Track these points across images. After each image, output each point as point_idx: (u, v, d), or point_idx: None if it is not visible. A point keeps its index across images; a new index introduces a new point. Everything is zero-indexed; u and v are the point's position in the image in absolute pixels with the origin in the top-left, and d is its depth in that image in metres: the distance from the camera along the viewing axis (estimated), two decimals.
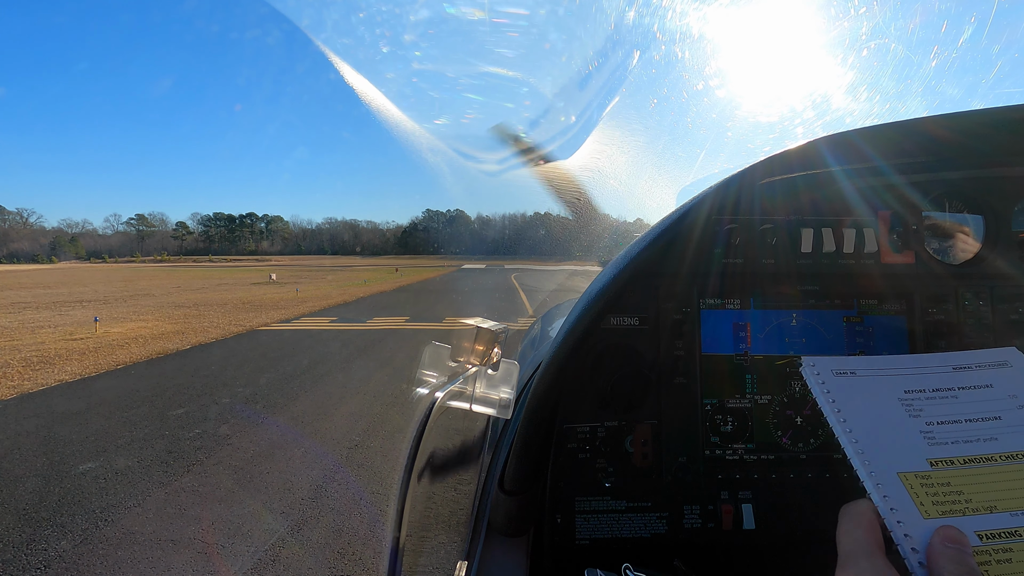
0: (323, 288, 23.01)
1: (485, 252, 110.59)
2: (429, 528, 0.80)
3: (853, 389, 0.50)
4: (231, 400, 5.20)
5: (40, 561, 2.53)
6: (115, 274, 44.93)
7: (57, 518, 2.91)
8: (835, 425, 0.47)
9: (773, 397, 0.78)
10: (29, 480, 3.40)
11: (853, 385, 0.51)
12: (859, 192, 0.77)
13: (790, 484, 0.77)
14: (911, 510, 0.41)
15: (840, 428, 0.47)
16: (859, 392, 0.50)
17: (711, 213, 0.68)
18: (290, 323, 11.34)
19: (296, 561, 2.53)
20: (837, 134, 0.62)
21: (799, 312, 0.79)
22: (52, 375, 6.36)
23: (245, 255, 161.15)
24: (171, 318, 12.14)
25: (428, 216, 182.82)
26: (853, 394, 0.50)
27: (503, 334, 0.73)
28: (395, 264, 70.30)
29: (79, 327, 10.61)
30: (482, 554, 0.75)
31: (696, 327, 0.78)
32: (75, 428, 4.41)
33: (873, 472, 0.44)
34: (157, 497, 3.15)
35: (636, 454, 0.77)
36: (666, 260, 0.76)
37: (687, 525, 0.77)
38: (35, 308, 14.72)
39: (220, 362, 7.18)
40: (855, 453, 0.45)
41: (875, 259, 0.79)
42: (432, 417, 0.61)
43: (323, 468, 3.59)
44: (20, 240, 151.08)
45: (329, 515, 2.94)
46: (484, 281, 27.79)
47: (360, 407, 4.91)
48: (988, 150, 0.70)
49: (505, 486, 0.74)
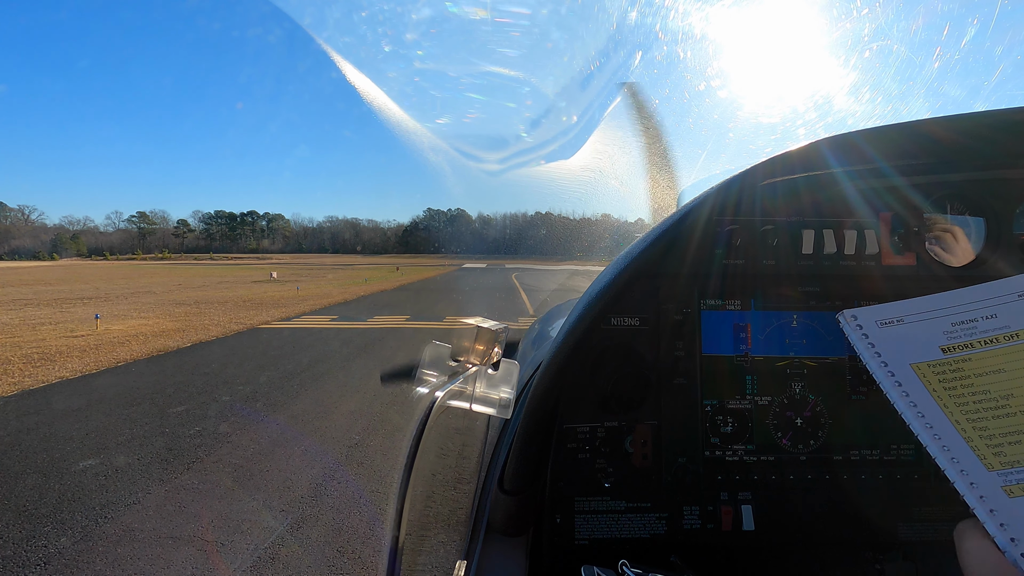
0: (324, 286, 23.02)
1: (486, 251, 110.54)
2: (428, 527, 0.80)
3: (902, 340, 0.46)
4: (231, 398, 5.21)
5: (40, 558, 2.53)
6: (116, 271, 44.98)
7: (57, 515, 2.92)
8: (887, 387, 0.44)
9: (773, 398, 0.78)
10: (29, 476, 3.41)
11: (901, 335, 0.46)
12: (861, 193, 0.77)
13: (790, 486, 0.77)
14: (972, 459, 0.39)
15: (894, 391, 0.43)
16: (908, 342, 0.45)
17: (712, 214, 0.68)
18: (291, 321, 11.35)
19: (295, 559, 2.53)
20: (839, 135, 0.62)
21: (800, 313, 0.79)
22: (53, 372, 6.37)
23: (246, 253, 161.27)
24: (172, 316, 12.15)
25: (429, 215, 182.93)
26: (899, 343, 0.45)
27: (503, 334, 0.73)
28: (396, 263, 70.35)
29: (80, 324, 10.63)
30: (481, 554, 0.75)
31: (696, 328, 0.78)
32: (75, 425, 4.41)
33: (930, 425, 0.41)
34: (157, 494, 3.16)
35: (636, 454, 0.77)
36: (667, 261, 0.75)
37: (686, 526, 0.77)
38: (36, 305, 14.74)
39: (221, 360, 7.18)
40: (914, 417, 0.42)
41: (876, 261, 0.79)
42: (432, 416, 0.61)
43: (323, 467, 3.59)
44: (22, 237, 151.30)
45: (329, 513, 2.94)
46: (485, 280, 27.78)
47: (360, 406, 4.92)
48: (990, 152, 0.69)
49: (505, 486, 0.74)
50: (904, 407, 0.43)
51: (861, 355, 0.47)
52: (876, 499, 0.77)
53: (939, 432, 0.42)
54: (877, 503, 0.77)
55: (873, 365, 0.46)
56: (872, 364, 0.46)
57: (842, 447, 0.78)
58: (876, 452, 0.78)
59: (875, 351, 0.46)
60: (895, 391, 0.44)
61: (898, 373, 0.45)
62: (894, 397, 0.44)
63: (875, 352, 0.46)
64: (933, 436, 0.41)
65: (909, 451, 0.78)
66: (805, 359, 0.78)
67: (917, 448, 0.78)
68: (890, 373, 0.45)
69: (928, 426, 0.42)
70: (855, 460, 0.77)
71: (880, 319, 0.49)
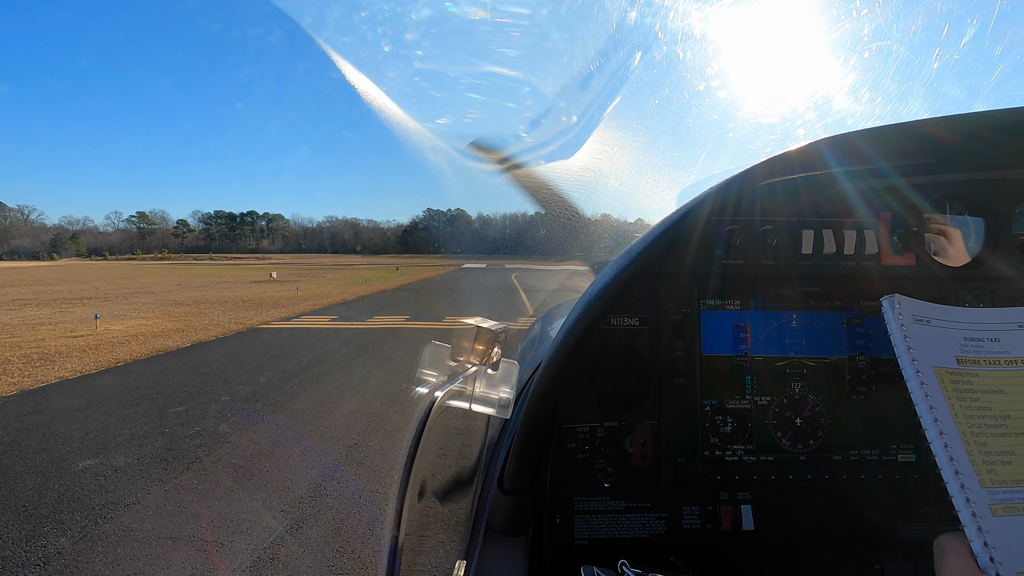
0: (323, 286, 23.01)
1: (485, 251, 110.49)
2: (428, 527, 0.80)
3: (929, 338, 0.48)
4: (231, 398, 5.21)
5: (39, 558, 2.53)
6: (116, 271, 44.97)
7: (56, 515, 2.92)
8: (913, 385, 0.44)
9: (773, 398, 0.78)
10: (29, 477, 3.41)
11: (929, 334, 0.48)
12: (860, 194, 0.77)
13: (789, 486, 0.77)
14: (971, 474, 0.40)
15: (918, 390, 0.44)
16: (934, 344, 0.47)
17: (712, 214, 0.68)
18: (290, 321, 11.34)
19: (295, 559, 2.53)
20: (838, 135, 0.62)
21: (799, 313, 0.79)
22: (52, 372, 6.36)
23: (246, 253, 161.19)
24: (171, 316, 12.15)
25: (429, 215, 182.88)
26: (927, 342, 0.47)
27: (503, 334, 0.73)
28: (396, 263, 70.35)
29: (80, 324, 10.62)
30: (481, 554, 0.75)
31: (696, 328, 0.78)
32: (75, 425, 4.41)
33: (942, 432, 0.42)
34: (156, 494, 3.16)
35: (636, 455, 0.77)
36: (667, 261, 0.75)
37: (686, 526, 0.77)
38: (36, 305, 14.73)
39: (220, 360, 7.18)
40: (931, 420, 0.43)
41: (876, 261, 0.79)
42: (432, 416, 0.61)
43: (322, 467, 3.59)
44: (21, 237, 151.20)
45: (328, 513, 2.94)
46: (484, 280, 27.77)
47: (359, 406, 4.92)
48: (990, 152, 0.69)
49: (504, 486, 0.74)
50: (924, 409, 0.44)
51: (895, 346, 0.47)
52: (876, 499, 0.77)
53: (949, 440, 0.42)
54: (877, 503, 0.77)
55: (904, 359, 0.46)
56: (903, 358, 0.46)
57: (841, 447, 0.78)
58: (876, 452, 0.78)
59: (908, 344, 0.47)
60: (919, 391, 0.44)
61: (923, 372, 0.45)
62: (917, 397, 0.44)
63: (908, 346, 0.47)
64: (944, 444, 0.42)
65: (909, 451, 0.78)
66: (805, 359, 0.78)
67: (917, 448, 0.78)
68: (917, 371, 0.45)
69: (941, 432, 0.43)
70: (855, 460, 0.77)
71: (916, 315, 0.49)
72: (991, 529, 0.39)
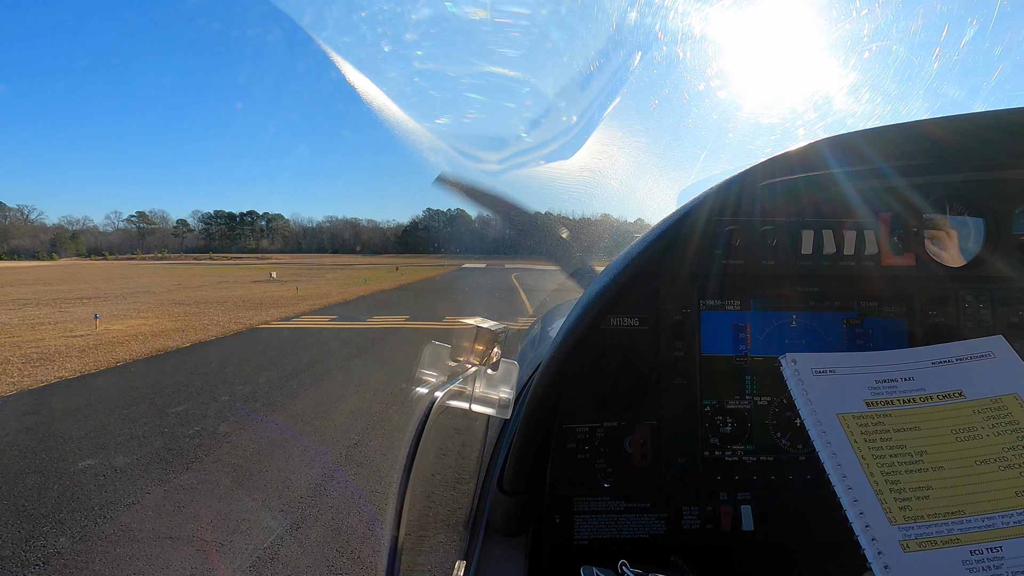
0: (323, 286, 23.01)
1: (485, 251, 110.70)
2: (428, 527, 0.80)
3: (831, 387, 0.50)
4: (230, 398, 5.21)
5: (39, 558, 2.53)
6: (115, 271, 44.94)
7: (56, 515, 2.92)
8: (813, 434, 0.47)
9: (773, 398, 0.78)
10: (28, 476, 3.41)
11: (832, 385, 0.50)
12: (860, 194, 0.77)
13: (789, 486, 0.78)
14: (878, 513, 0.41)
15: (819, 439, 0.47)
16: (835, 390, 0.49)
17: (712, 214, 0.68)
18: (290, 321, 11.34)
19: (295, 559, 2.53)
20: (838, 136, 0.62)
21: (799, 314, 0.79)
22: (52, 372, 6.36)
23: (245, 253, 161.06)
24: (171, 315, 12.15)
25: (429, 215, 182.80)
26: (828, 392, 0.49)
27: (503, 334, 0.73)
28: (395, 263, 70.34)
29: (79, 324, 10.62)
30: (481, 554, 0.75)
31: (696, 328, 0.78)
32: (74, 425, 4.41)
33: (844, 476, 0.44)
34: (156, 494, 3.16)
35: (635, 455, 0.77)
36: (666, 261, 0.75)
37: (686, 526, 0.77)
38: (35, 305, 14.73)
39: (220, 360, 7.18)
40: (832, 466, 0.45)
41: (875, 261, 0.79)
42: (431, 417, 0.61)
43: (322, 466, 3.59)
44: (21, 237, 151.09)
45: (328, 513, 2.94)
46: (484, 280, 27.76)
47: (359, 405, 4.92)
48: (989, 153, 0.69)
49: (504, 486, 0.74)
50: (826, 455, 0.46)
51: (795, 400, 0.50)
52: None
53: (852, 483, 0.44)
54: None
55: (804, 411, 0.48)
56: (803, 410, 0.49)
57: None
58: None
59: (807, 397, 0.49)
60: (820, 439, 0.46)
61: (824, 421, 0.47)
62: (818, 444, 0.46)
63: (807, 399, 0.49)
64: (847, 487, 0.44)
65: None
66: None
67: None
68: (817, 421, 0.47)
69: (843, 476, 0.45)
70: None
71: (815, 367, 0.52)
72: (900, 566, 0.40)
